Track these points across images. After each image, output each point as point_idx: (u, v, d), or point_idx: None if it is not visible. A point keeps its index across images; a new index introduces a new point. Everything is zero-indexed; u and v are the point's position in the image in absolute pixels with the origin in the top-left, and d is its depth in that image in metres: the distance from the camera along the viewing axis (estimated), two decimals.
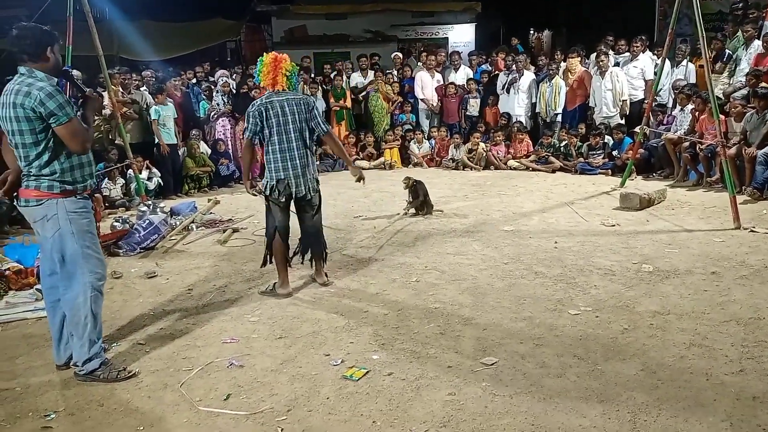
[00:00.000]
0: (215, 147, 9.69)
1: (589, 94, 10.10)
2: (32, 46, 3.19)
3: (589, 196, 7.82)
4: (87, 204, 3.40)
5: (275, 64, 4.45)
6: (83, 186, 3.37)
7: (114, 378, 3.41)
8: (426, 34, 16.85)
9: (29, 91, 3.12)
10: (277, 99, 4.44)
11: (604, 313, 4.08)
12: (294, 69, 4.58)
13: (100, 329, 3.47)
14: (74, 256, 3.33)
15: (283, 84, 4.48)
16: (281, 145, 4.44)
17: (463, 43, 16.26)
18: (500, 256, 5.40)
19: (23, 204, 3.35)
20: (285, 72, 4.46)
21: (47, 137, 3.20)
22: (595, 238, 5.87)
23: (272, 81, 4.46)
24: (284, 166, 4.46)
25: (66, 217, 3.29)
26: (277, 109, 4.41)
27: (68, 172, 3.29)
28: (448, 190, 8.53)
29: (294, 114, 4.44)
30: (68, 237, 3.30)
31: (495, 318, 4.05)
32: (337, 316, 4.20)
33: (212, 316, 4.30)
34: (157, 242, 6.16)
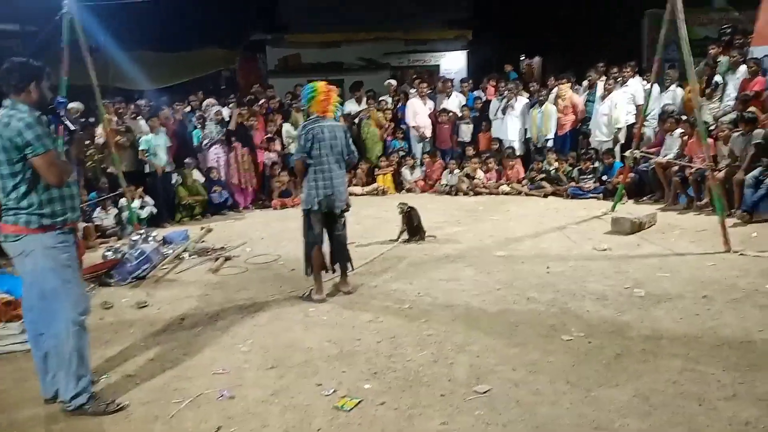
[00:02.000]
0: (208, 175, 9.71)
1: (579, 119, 10.22)
2: (16, 80, 3.22)
3: (580, 221, 7.85)
4: (68, 238, 3.36)
5: (329, 94, 5.05)
6: (62, 220, 3.32)
7: (102, 411, 3.36)
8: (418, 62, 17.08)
9: (8, 122, 3.15)
10: (325, 125, 5.00)
11: (597, 338, 4.07)
12: (340, 102, 5.31)
13: (87, 364, 3.43)
14: (54, 292, 3.29)
15: (332, 113, 5.10)
16: (327, 166, 4.99)
17: (454, 70, 16.48)
18: (493, 282, 5.39)
19: (2, 239, 3.33)
20: (335, 103, 5.11)
21: (24, 168, 3.19)
22: (587, 262, 5.88)
23: (323, 108, 5.04)
24: (327, 184, 5.00)
25: (44, 252, 3.26)
26: (325, 133, 4.97)
27: (47, 205, 3.26)
28: (441, 216, 8.55)
29: (336, 139, 5.02)
30: (47, 272, 3.27)
31: (488, 344, 4.04)
32: (329, 344, 4.17)
33: (203, 346, 4.27)
34: (149, 271, 6.13)
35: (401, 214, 7.05)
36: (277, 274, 6.04)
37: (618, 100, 9.55)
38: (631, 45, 14.08)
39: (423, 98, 11.19)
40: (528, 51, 17.14)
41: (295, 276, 5.87)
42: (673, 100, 9.38)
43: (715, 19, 12.82)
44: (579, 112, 10.21)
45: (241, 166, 9.89)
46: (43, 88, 3.30)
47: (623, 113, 9.56)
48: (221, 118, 9.90)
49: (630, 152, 8.20)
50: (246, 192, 10.10)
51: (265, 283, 5.73)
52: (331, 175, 5.00)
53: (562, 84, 10.26)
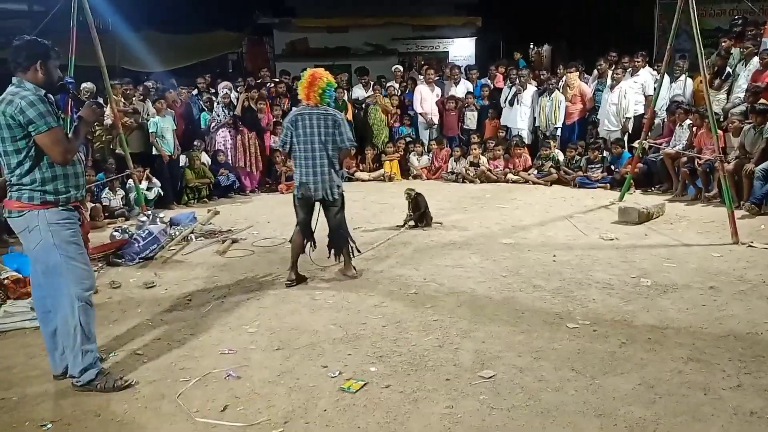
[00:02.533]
0: (215, 158, 9.72)
1: (587, 108, 10.16)
2: (23, 58, 3.25)
3: (587, 210, 7.84)
4: (71, 215, 3.38)
5: (311, 80, 4.94)
6: (66, 197, 3.35)
7: (111, 387, 3.40)
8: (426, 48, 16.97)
9: (12, 99, 3.17)
10: (308, 112, 4.93)
11: (602, 326, 4.08)
12: (328, 86, 4.99)
13: (93, 339, 3.46)
14: (58, 268, 3.32)
15: (315, 99, 4.95)
16: (306, 153, 4.94)
17: (463, 57, 16.37)
18: (499, 269, 5.40)
19: (7, 215, 3.37)
20: (318, 89, 4.92)
21: (28, 145, 3.22)
22: (593, 251, 5.88)
23: (306, 95, 4.98)
24: (306, 171, 4.96)
25: (47, 228, 3.28)
26: (306, 120, 4.91)
27: (50, 182, 3.28)
28: (448, 203, 8.55)
29: (320, 127, 4.90)
30: (51, 248, 3.29)
31: (493, 331, 4.05)
32: (335, 327, 4.19)
33: (210, 326, 4.30)
34: (156, 252, 6.16)
35: (408, 199, 7.05)
36: (284, 257, 6.02)
37: (627, 89, 9.49)
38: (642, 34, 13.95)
39: (430, 85, 11.13)
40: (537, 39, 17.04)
41: (301, 260, 5.88)
42: (683, 91, 9.32)
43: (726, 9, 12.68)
44: (587, 101, 10.16)
45: (247, 149, 9.90)
46: (50, 67, 3.31)
47: (632, 103, 9.50)
48: (228, 101, 9.89)
49: (639, 142, 8.17)
50: (252, 175, 10.11)
51: (272, 265, 5.76)
52: (310, 163, 4.93)
53: (571, 72, 10.21)
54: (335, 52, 16.15)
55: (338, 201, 5.11)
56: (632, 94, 9.50)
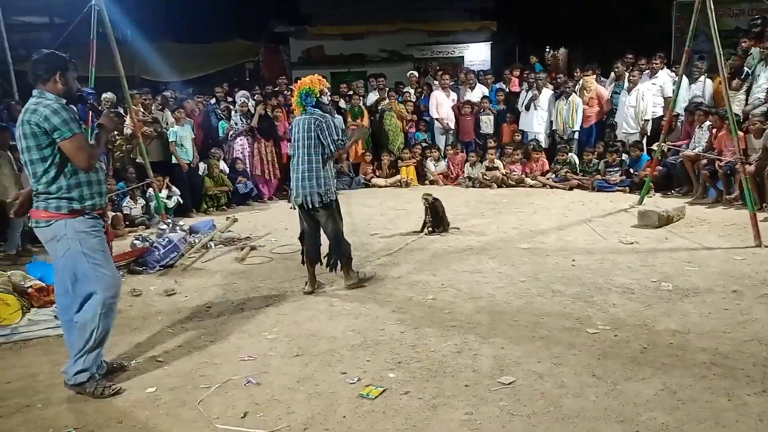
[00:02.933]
0: (233, 166, 9.80)
1: (605, 111, 10.09)
2: (43, 70, 3.35)
3: (606, 214, 7.77)
4: (97, 223, 3.47)
5: (295, 89, 5.03)
6: (91, 205, 3.43)
7: (100, 394, 3.46)
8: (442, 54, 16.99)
9: (36, 108, 3.28)
10: (297, 120, 5.03)
11: (623, 331, 4.04)
12: (301, 92, 4.97)
13: (103, 345, 3.51)
14: (86, 276, 3.39)
15: (298, 108, 5.04)
16: (293, 160, 5.04)
17: (478, 61, 16.36)
18: (517, 274, 5.37)
19: (35, 225, 3.44)
20: (297, 98, 5.00)
21: (53, 153, 3.30)
22: (613, 255, 5.82)
23: (294, 108, 5.13)
24: (293, 178, 5.05)
25: (76, 237, 3.36)
26: (296, 128, 4.99)
27: (75, 189, 3.37)
28: (465, 208, 8.53)
29: (304, 132, 4.91)
30: (79, 256, 3.37)
31: (512, 336, 4.03)
32: (353, 334, 4.20)
33: (230, 333, 4.33)
34: (177, 260, 6.22)
35: (426, 205, 7.04)
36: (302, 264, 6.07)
37: (645, 91, 9.41)
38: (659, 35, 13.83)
39: (446, 90, 11.13)
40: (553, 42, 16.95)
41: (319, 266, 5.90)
42: (702, 92, 9.22)
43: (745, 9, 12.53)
44: (604, 104, 10.09)
45: (265, 157, 9.97)
46: (69, 78, 3.42)
47: (650, 105, 9.42)
48: (246, 109, 9.98)
49: (658, 144, 8.09)
50: (270, 183, 10.18)
51: (290, 272, 5.79)
52: (294, 169, 4.99)
53: (587, 75, 10.15)
54: (351, 59, 16.24)
55: (323, 209, 4.95)
56: (650, 96, 9.42)
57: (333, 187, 5.02)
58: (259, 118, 9.89)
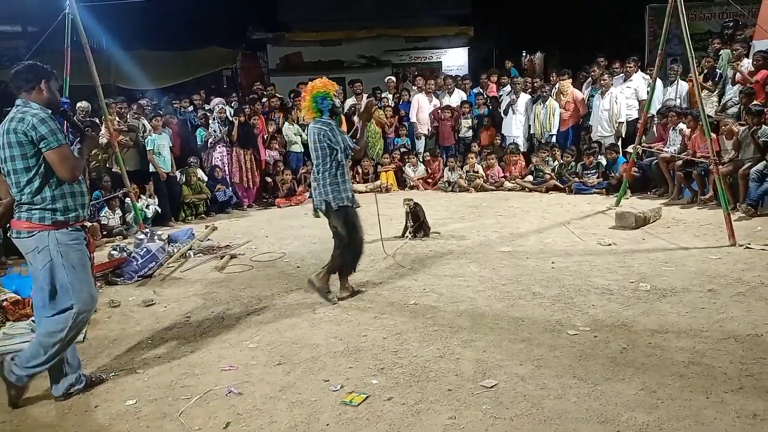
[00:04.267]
0: (212, 174, 9.74)
1: (581, 114, 10.22)
2: (27, 79, 3.34)
3: (584, 216, 7.86)
4: (79, 236, 3.43)
5: (304, 96, 4.96)
6: (75, 216, 3.40)
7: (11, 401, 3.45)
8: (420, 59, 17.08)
9: (23, 117, 3.24)
10: (311, 127, 4.92)
11: (603, 332, 4.08)
12: (317, 96, 4.85)
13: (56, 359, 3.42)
14: (65, 288, 3.34)
15: (310, 114, 4.93)
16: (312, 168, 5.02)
17: (456, 66, 16.49)
18: (498, 278, 5.40)
19: (15, 235, 3.39)
20: (310, 103, 4.87)
21: (38, 162, 3.27)
22: (591, 257, 5.89)
23: (306, 113, 5.06)
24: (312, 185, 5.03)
25: (57, 249, 3.32)
26: (309, 137, 4.94)
27: (59, 200, 3.33)
28: (445, 212, 8.56)
29: (315, 142, 4.84)
30: (59, 269, 3.33)
31: (494, 339, 4.05)
32: (335, 340, 4.19)
33: (210, 343, 4.29)
34: (155, 270, 6.16)
35: (408, 210, 7.05)
36: (282, 271, 6.06)
37: (618, 94, 9.54)
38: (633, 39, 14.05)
39: (429, 95, 11.19)
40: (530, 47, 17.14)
41: (300, 273, 5.89)
42: (677, 95, 9.38)
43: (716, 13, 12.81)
44: (581, 107, 10.21)
45: (243, 164, 9.91)
46: (52, 87, 3.41)
47: (624, 108, 9.56)
48: (225, 116, 9.92)
49: (633, 147, 8.21)
50: (249, 190, 10.13)
51: (271, 280, 5.76)
52: (312, 177, 5.00)
53: (564, 79, 10.28)
54: (329, 65, 16.25)
55: (335, 216, 4.88)
56: (623, 99, 9.56)
57: (347, 193, 4.86)
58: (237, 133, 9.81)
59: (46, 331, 3.37)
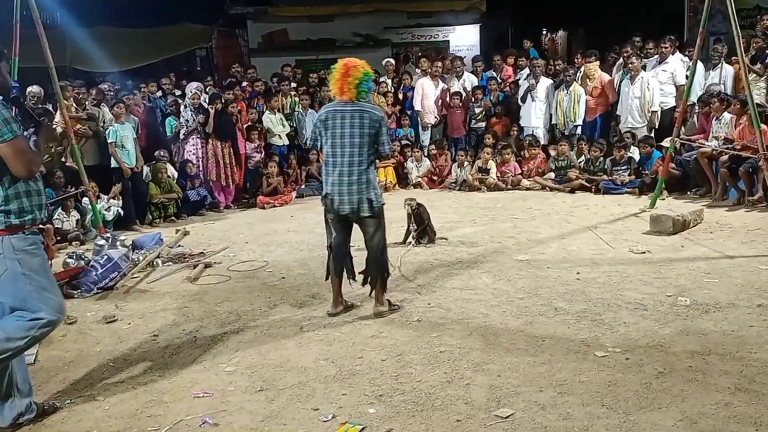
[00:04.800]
0: (184, 169, 9.74)
1: (611, 102, 10.23)
2: None
3: (614, 219, 7.88)
4: (37, 240, 3.41)
5: (345, 70, 4.77)
6: (31, 219, 3.38)
7: None
8: (424, 38, 17.09)
9: None
10: (341, 109, 4.80)
11: (636, 354, 4.08)
12: (366, 77, 4.84)
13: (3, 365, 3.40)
14: (28, 300, 3.31)
15: (351, 93, 4.78)
16: (334, 159, 4.81)
17: (466, 46, 16.50)
18: (514, 291, 5.42)
19: None
20: (354, 80, 4.75)
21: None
22: (622, 267, 5.90)
23: (339, 89, 4.81)
24: (332, 181, 4.82)
25: (14, 256, 3.29)
26: (338, 119, 4.78)
27: (13, 201, 3.31)
28: (453, 215, 8.57)
29: (355, 127, 4.75)
30: (19, 278, 3.30)
31: (510, 362, 4.05)
32: (326, 363, 4.19)
33: (181, 366, 4.28)
34: (117, 281, 6.15)
35: (409, 212, 7.06)
36: (265, 283, 6.06)
37: (650, 79, 9.56)
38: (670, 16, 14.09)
39: (435, 79, 11.20)
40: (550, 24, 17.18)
41: (286, 285, 5.90)
42: (722, 79, 9.39)
43: None
44: (610, 94, 10.23)
45: (221, 159, 9.92)
46: (2, 70, 3.40)
47: (657, 94, 9.58)
48: (199, 103, 9.92)
49: (670, 140, 8.22)
50: (227, 189, 10.14)
51: (252, 293, 5.76)
52: (337, 171, 4.76)
53: (590, 62, 10.30)
54: (319, 44, 16.26)
55: (373, 219, 4.89)
56: (657, 85, 9.57)
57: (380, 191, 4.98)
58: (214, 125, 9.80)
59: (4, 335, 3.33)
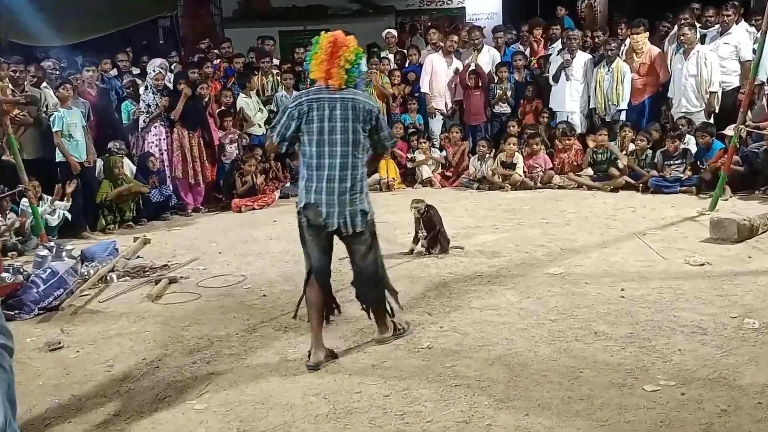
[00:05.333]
0: (144, 164, 9.74)
1: (662, 82, 10.23)
2: None
3: (666, 224, 7.88)
4: None
5: (333, 49, 4.53)
6: None
7: None
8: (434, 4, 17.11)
9: None
10: (327, 97, 4.57)
11: (694, 388, 4.08)
12: (358, 58, 4.61)
13: None
14: None
15: (340, 78, 4.55)
16: (319, 160, 4.57)
17: (486, 14, 16.53)
18: (545, 311, 5.41)
19: None
20: (344, 62, 4.53)
21: None
22: (677, 282, 5.90)
23: (325, 72, 4.56)
24: (317, 187, 4.57)
25: None
26: (324, 110, 4.54)
27: None
28: (470, 219, 8.57)
29: (347, 120, 4.55)
30: None
31: (540, 398, 4.05)
32: (317, 399, 4.18)
33: (142, 402, 4.28)
34: (63, 299, 6.16)
35: (417, 215, 7.06)
36: (242, 302, 6.06)
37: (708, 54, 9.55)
38: None
39: (448, 56, 11.21)
40: None
41: (267, 304, 5.91)
42: None
43: None
44: (662, 72, 10.22)
45: (188, 152, 9.93)
46: None
47: (717, 72, 9.57)
48: (162, 84, 9.93)
49: (734, 127, 8.21)
50: (197, 188, 10.14)
51: (226, 314, 5.76)
52: (323, 174, 4.54)
53: (637, 33, 10.29)
54: (307, 12, 16.28)
55: (366, 234, 4.72)
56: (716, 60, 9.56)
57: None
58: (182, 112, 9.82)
59: None
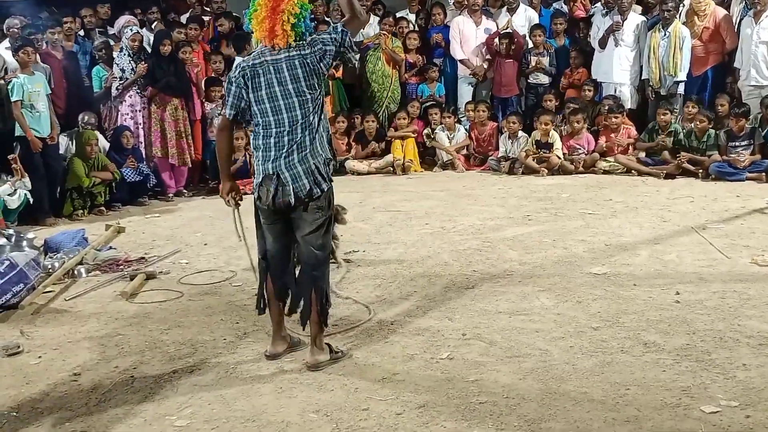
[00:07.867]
0: (118, 140, 9.76)
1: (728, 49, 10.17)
2: None
3: (730, 217, 7.86)
4: None
5: (274, 3, 4.58)
6: None
7: None
8: None
9: None
10: (271, 60, 4.65)
11: (760, 410, 4.07)
12: (303, 9, 4.65)
13: None
14: None
15: (285, 35, 4.61)
16: (268, 129, 4.71)
17: None
18: (586, 317, 5.41)
19: None
20: (288, 16, 4.57)
21: None
22: (742, 285, 5.88)
23: (268, 30, 4.63)
24: (270, 156, 4.69)
25: None
26: (270, 75, 4.65)
27: None
28: (500, 208, 8.56)
29: (297, 81, 4.63)
30: None
31: (580, 419, 4.05)
32: (318, 417, 4.19)
33: (113, 418, 4.30)
34: (23, 296, 6.18)
35: None
36: (231, 302, 6.07)
37: None
38: None
39: (475, 15, 11.18)
40: None
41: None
42: None
43: None
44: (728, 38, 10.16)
45: (169, 126, 9.93)
46: None
47: None
48: (139, 46, 9.94)
49: None
50: (179, 168, 10.15)
51: (212, 316, 5.78)
52: (275, 140, 4.65)
53: None
54: None
55: (317, 210, 4.72)
56: None
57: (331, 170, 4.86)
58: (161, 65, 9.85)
59: None
